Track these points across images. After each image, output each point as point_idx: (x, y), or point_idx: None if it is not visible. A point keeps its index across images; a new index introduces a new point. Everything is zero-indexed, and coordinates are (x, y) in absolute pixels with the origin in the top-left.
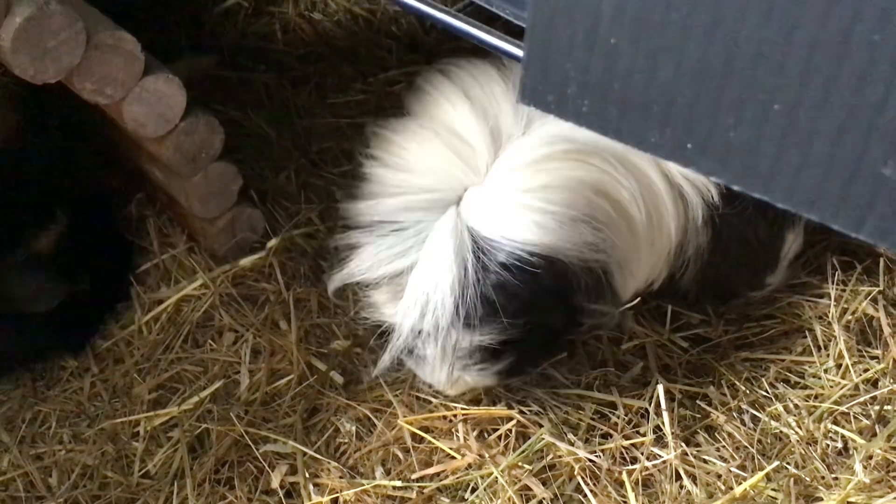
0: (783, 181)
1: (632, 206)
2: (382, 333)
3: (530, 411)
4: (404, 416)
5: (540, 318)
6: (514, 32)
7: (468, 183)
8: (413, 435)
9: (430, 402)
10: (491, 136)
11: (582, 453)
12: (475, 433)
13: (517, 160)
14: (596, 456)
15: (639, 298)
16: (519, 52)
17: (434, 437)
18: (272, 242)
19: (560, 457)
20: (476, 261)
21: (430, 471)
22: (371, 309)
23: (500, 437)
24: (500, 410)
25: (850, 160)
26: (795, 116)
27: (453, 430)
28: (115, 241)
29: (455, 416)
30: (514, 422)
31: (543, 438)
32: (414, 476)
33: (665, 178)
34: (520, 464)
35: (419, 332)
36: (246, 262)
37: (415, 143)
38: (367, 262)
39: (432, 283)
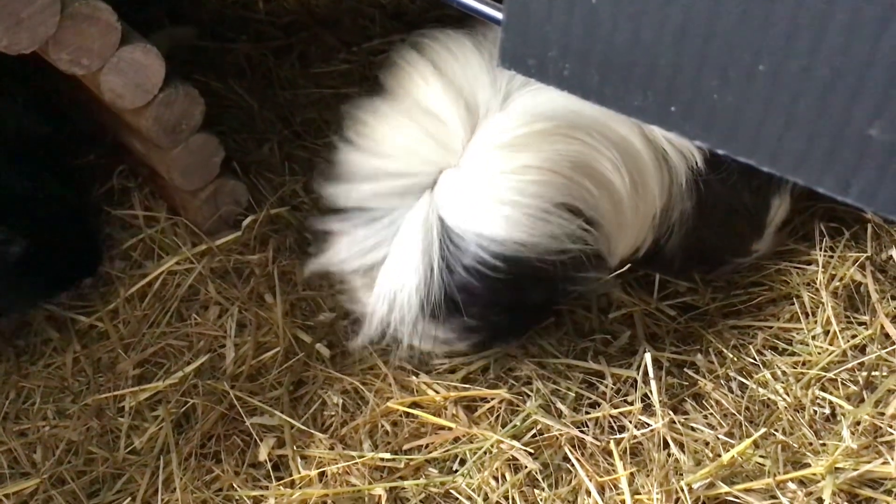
0: (768, 144)
1: (614, 175)
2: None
3: (518, 382)
4: (392, 398)
5: (510, 306)
6: None
7: (443, 164)
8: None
9: (418, 375)
10: (467, 112)
11: (571, 430)
12: (463, 408)
13: (494, 140)
14: (584, 427)
15: (627, 266)
16: (500, 16)
17: (423, 412)
18: (247, 220)
19: (548, 428)
20: (442, 261)
21: (419, 442)
22: (348, 293)
23: (489, 411)
24: (488, 391)
25: (835, 122)
26: (780, 78)
27: (442, 407)
28: (71, 207)
29: (445, 398)
30: (501, 397)
31: (532, 416)
32: (403, 448)
33: (648, 143)
34: (507, 439)
35: (389, 323)
36: (226, 239)
37: (387, 126)
38: (341, 254)
39: (399, 282)
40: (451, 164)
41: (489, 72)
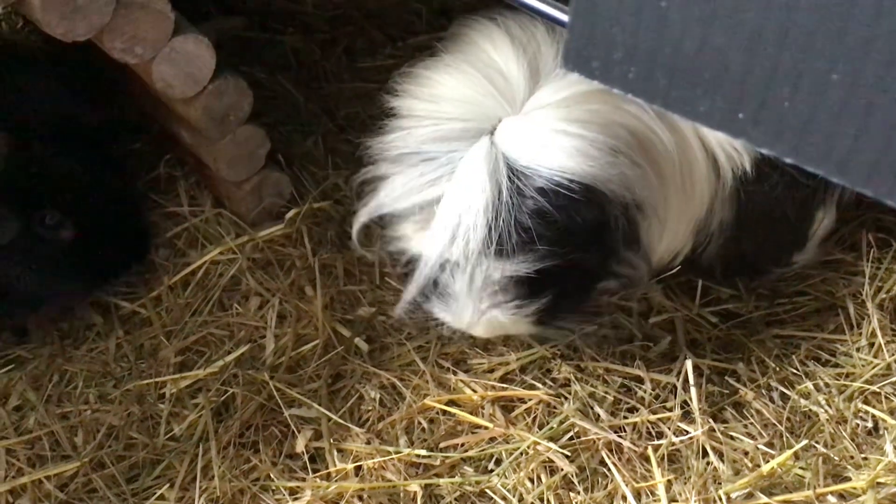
0: (838, 155)
1: (666, 162)
2: (408, 267)
3: (556, 384)
4: (430, 395)
5: (576, 254)
6: None
7: (502, 114)
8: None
9: (456, 374)
10: (529, 71)
11: (608, 434)
12: (500, 408)
13: (555, 95)
14: (622, 432)
15: (670, 272)
16: (563, 17)
17: (460, 410)
18: (290, 213)
19: (586, 431)
20: (511, 184)
21: (455, 441)
22: (398, 241)
23: (526, 412)
24: (526, 391)
25: None
26: (854, 87)
27: (479, 406)
28: (121, 194)
29: (482, 397)
30: (539, 398)
31: (569, 419)
32: (439, 445)
33: (701, 144)
34: (544, 441)
35: (447, 263)
36: (268, 232)
37: (447, 75)
38: (396, 191)
39: (464, 205)
40: (511, 114)
41: (555, 46)
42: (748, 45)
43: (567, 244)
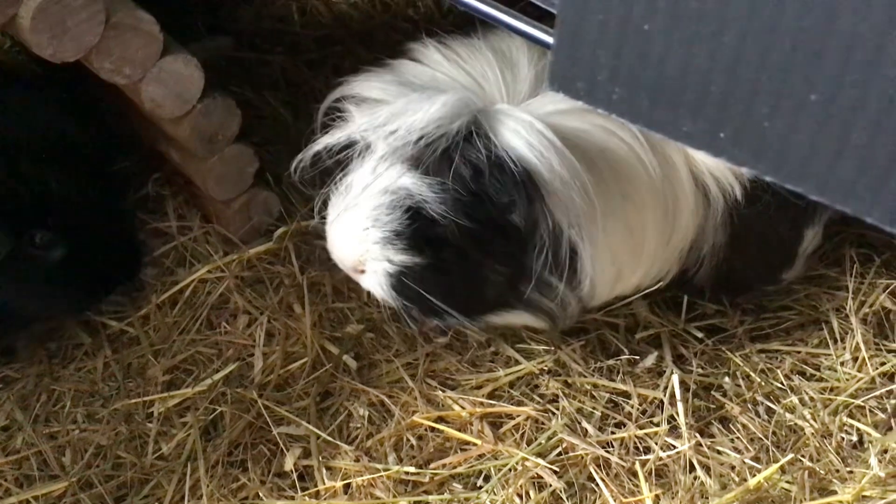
0: (818, 173)
1: (648, 192)
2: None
3: (544, 400)
4: (418, 412)
5: (476, 241)
6: (537, 17)
7: (499, 101)
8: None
9: (444, 390)
10: (536, 77)
11: (596, 449)
12: (489, 424)
13: (556, 104)
14: (609, 447)
15: (656, 287)
16: (547, 38)
17: (448, 427)
18: (279, 231)
19: (574, 447)
20: (462, 133)
21: (446, 461)
22: (341, 121)
23: (514, 428)
24: (514, 408)
25: (887, 153)
26: (832, 107)
27: (468, 423)
28: (111, 213)
29: (471, 414)
30: (527, 414)
31: (557, 434)
32: (428, 463)
33: (691, 175)
34: (532, 456)
35: (362, 150)
36: (257, 249)
37: (468, 49)
38: (371, 82)
39: (416, 109)
40: (508, 104)
41: None
42: (729, 67)
43: (474, 219)
